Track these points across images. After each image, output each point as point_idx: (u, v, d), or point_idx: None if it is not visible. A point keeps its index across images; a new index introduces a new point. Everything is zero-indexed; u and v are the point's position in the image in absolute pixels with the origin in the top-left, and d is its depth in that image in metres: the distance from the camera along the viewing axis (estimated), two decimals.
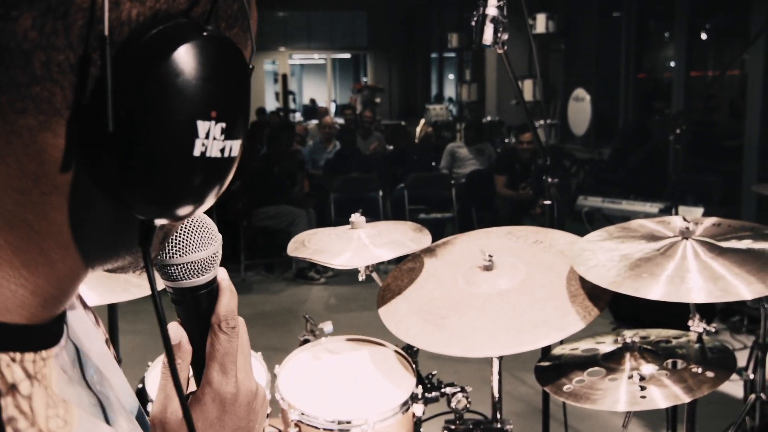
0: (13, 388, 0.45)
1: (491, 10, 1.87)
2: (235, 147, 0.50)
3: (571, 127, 8.19)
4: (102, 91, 0.44)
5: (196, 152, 0.47)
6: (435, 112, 11.17)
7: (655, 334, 1.91)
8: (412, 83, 15.55)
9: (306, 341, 2.08)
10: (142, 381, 1.96)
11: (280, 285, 6.41)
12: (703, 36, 8.24)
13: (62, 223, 0.47)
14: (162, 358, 0.72)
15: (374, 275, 2.15)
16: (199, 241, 0.65)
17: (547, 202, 2.37)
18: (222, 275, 0.70)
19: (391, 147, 8.50)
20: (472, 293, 1.95)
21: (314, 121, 12.16)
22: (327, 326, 2.04)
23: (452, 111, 12.40)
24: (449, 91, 15.05)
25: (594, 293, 1.84)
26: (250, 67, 0.53)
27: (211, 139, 0.47)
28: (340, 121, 10.19)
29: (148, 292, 0.57)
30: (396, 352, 2.05)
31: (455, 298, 1.95)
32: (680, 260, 1.75)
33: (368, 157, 7.84)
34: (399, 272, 2.13)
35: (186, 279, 0.65)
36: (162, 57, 0.44)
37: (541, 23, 8.87)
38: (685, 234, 1.80)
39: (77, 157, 0.45)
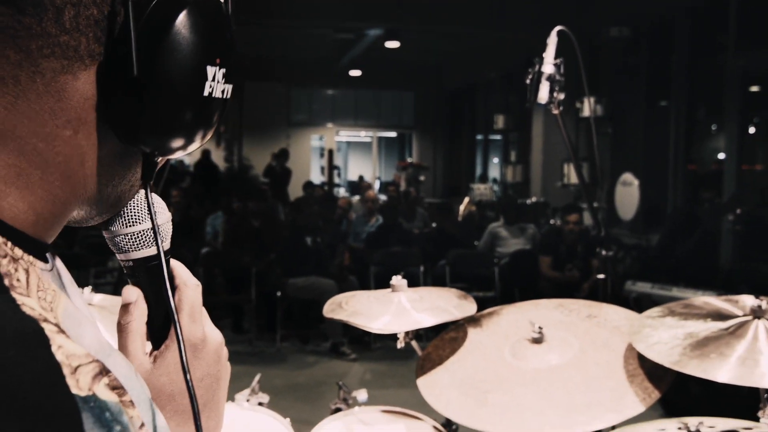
0: (8, 258, 0.49)
1: (547, 68, 1.79)
2: (228, 90, 0.59)
3: (618, 212, 8.01)
4: (124, 43, 0.51)
5: (206, 93, 0.55)
6: (479, 191, 11.08)
7: (722, 423, 1.72)
8: (456, 163, 15.57)
9: (338, 410, 1.94)
10: None
11: (314, 357, 6.24)
12: (752, 130, 8.08)
13: (69, 155, 0.53)
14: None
15: (414, 343, 2.02)
16: (146, 212, 0.67)
17: (601, 276, 2.24)
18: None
19: (434, 224, 8.41)
20: (519, 367, 1.81)
21: (358, 197, 12.17)
22: (361, 395, 1.90)
23: (496, 191, 12.31)
24: (494, 172, 15.02)
25: (655, 374, 1.68)
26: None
27: (216, 82, 0.56)
28: (384, 197, 10.18)
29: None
30: (435, 428, 1.90)
31: (501, 372, 1.81)
32: (752, 341, 1.59)
33: (410, 233, 7.74)
34: (441, 342, 2.00)
35: (137, 249, 0.67)
36: (175, 14, 0.53)
37: (588, 106, 8.82)
38: (757, 313, 1.65)
39: (93, 98, 0.52)
